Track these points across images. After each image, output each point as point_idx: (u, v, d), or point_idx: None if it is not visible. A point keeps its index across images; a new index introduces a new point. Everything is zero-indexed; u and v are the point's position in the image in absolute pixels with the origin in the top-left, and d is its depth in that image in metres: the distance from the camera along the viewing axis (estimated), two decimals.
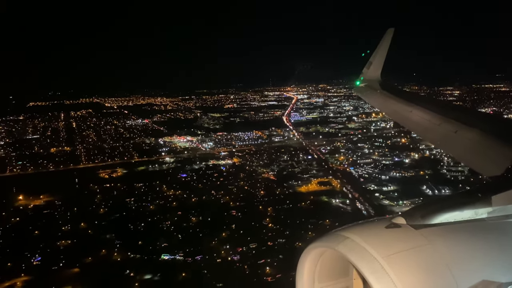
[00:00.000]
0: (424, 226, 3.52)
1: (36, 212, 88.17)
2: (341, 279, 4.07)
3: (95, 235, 76.72)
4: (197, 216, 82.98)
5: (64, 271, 64.11)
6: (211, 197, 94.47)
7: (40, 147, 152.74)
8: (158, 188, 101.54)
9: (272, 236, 72.68)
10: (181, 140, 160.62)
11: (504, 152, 6.42)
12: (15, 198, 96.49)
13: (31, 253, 69.76)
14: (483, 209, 3.92)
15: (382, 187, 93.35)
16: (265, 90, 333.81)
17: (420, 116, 10.08)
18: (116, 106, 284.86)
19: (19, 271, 64.28)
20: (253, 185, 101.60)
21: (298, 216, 79.52)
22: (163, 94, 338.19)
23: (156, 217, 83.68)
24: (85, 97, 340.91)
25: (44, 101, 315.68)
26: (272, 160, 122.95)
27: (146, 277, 61.71)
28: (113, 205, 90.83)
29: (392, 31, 14.60)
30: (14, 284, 61.23)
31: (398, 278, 3.07)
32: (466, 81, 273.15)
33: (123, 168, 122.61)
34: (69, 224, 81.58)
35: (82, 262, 66.63)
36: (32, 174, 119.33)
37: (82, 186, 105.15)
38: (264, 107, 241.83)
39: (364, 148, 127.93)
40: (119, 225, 79.99)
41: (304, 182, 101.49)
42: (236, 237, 73.11)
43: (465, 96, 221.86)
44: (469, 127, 8.03)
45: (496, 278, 3.31)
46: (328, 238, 3.56)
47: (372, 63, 15.08)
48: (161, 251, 69.49)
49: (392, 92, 13.20)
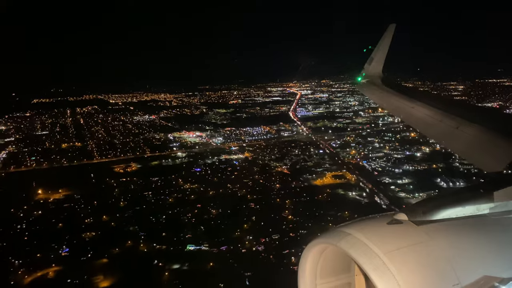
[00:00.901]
0: (426, 222, 3.57)
1: (57, 206, 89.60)
2: (343, 275, 4.14)
3: (118, 227, 78.21)
4: (217, 209, 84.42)
5: (94, 262, 65.57)
6: (228, 190, 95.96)
7: (51, 143, 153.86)
8: (174, 182, 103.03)
9: (294, 227, 74.23)
10: (190, 135, 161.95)
11: (506, 148, 6.53)
12: (34, 192, 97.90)
13: (58, 245, 71.22)
14: (484, 205, 3.95)
15: (397, 180, 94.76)
16: (268, 86, 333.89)
17: (422, 112, 10.14)
18: (120, 102, 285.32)
19: (49, 262, 65.75)
20: (268, 178, 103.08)
21: (317, 208, 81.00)
22: (166, 91, 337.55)
23: (176, 210, 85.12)
24: (88, 93, 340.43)
25: (48, 98, 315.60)
26: (284, 155, 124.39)
27: (175, 267, 63.28)
28: (132, 198, 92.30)
29: (393, 27, 14.63)
30: (47, 274, 62.82)
31: (400, 274, 3.11)
32: (468, 76, 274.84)
33: (137, 163, 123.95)
34: (91, 217, 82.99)
35: (110, 253, 68.25)
36: (48, 169, 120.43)
37: (99, 180, 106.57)
38: (269, 103, 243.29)
39: (374, 142, 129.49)
40: (140, 218, 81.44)
41: (318, 175, 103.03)
42: (258, 228, 74.65)
43: (470, 91, 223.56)
44: (471, 123, 8.13)
45: (497, 274, 3.34)
46: (329, 234, 3.62)
47: (373, 59, 15.12)
48: (185, 242, 71.01)
49: (394, 88, 13.26)
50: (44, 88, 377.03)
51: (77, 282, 59.86)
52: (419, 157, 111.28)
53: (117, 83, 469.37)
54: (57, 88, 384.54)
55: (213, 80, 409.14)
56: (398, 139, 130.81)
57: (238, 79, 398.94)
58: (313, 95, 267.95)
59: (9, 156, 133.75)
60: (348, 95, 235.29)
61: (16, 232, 77.28)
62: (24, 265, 64.97)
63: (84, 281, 60.02)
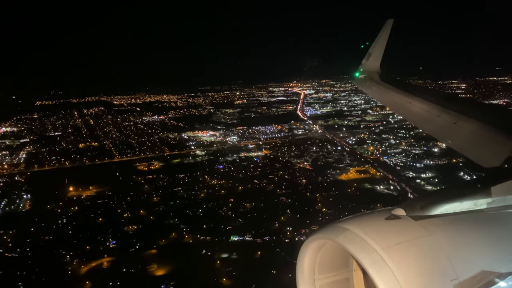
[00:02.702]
0: (424, 218, 3.60)
1: (91, 202, 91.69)
2: (341, 270, 4.17)
3: (158, 221, 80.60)
4: (250, 202, 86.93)
5: (143, 252, 68.08)
6: (256, 185, 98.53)
7: (67, 143, 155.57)
8: (201, 178, 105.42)
9: (330, 219, 76.02)
10: (204, 134, 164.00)
11: (503, 143, 6.53)
12: (65, 189, 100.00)
13: (103, 238, 73.55)
14: (482, 200, 3.98)
15: (420, 174, 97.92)
16: (268, 86, 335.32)
17: (420, 107, 10.15)
18: (125, 103, 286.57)
19: (100, 253, 68.21)
20: (292, 174, 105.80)
21: (348, 201, 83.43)
22: (167, 92, 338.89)
23: (209, 204, 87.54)
24: (89, 95, 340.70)
25: (50, 100, 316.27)
26: (302, 152, 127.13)
27: (224, 256, 65.84)
28: (163, 194, 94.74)
29: (391, 22, 14.60)
30: (101, 264, 65.22)
31: (398, 269, 3.14)
32: (467, 75, 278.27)
33: (158, 161, 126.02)
34: (129, 211, 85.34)
35: (157, 244, 70.71)
36: (71, 168, 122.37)
37: (125, 178, 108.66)
38: (275, 102, 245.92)
39: (390, 139, 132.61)
40: (177, 212, 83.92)
41: (342, 171, 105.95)
42: (296, 220, 77.26)
43: (473, 89, 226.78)
44: (469, 118, 8.15)
45: (495, 269, 3.37)
46: (328, 230, 3.65)
47: (371, 55, 15.08)
48: (227, 233, 73.52)
49: (392, 83, 13.22)
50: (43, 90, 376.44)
51: (133, 271, 62.33)
52: (437, 153, 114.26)
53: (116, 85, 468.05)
54: (56, 91, 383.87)
55: (212, 81, 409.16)
56: (413, 136, 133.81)
57: (237, 80, 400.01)
58: (317, 94, 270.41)
59: (30, 156, 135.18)
60: (353, 94, 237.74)
61: (58, 227, 79.49)
62: (76, 257, 67.34)
63: (139, 270, 62.51)
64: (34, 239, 74.07)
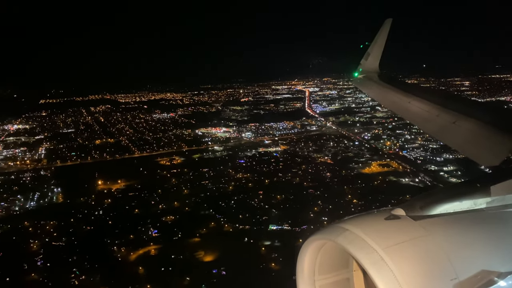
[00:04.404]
0: (423, 217, 3.63)
1: (123, 194, 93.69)
2: (341, 271, 4.18)
3: (193, 212, 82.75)
4: (280, 195, 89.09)
5: (187, 240, 70.30)
6: (282, 179, 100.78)
7: (83, 140, 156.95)
8: (225, 172, 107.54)
9: (364, 210, 78.91)
10: (218, 131, 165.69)
11: (502, 143, 6.58)
12: (93, 183, 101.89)
13: (144, 228, 75.68)
14: (482, 199, 4.00)
15: (442, 167, 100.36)
16: (270, 84, 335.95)
17: (419, 106, 10.15)
18: (131, 101, 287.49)
19: (145, 241, 70.53)
20: (316, 168, 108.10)
21: (377, 193, 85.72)
22: (169, 90, 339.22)
23: (240, 196, 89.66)
24: (92, 93, 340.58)
25: (54, 99, 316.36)
26: (320, 146, 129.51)
27: (266, 243, 68.18)
28: (192, 187, 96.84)
29: (390, 22, 14.57)
30: (149, 251, 67.45)
31: (398, 269, 3.17)
32: (468, 72, 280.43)
33: (179, 156, 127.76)
34: (163, 203, 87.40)
35: (198, 232, 72.96)
36: (94, 163, 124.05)
37: (150, 172, 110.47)
38: (281, 100, 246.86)
39: (405, 134, 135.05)
40: (210, 203, 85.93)
41: (364, 164, 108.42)
42: (328, 211, 79.34)
43: (478, 86, 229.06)
44: (468, 117, 8.17)
45: (495, 268, 3.38)
46: (328, 230, 3.71)
47: (370, 54, 15.02)
48: (264, 223, 75.84)
49: (391, 83, 13.25)
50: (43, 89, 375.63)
51: (181, 257, 64.54)
52: None
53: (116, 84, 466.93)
54: (57, 90, 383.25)
55: (212, 79, 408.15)
56: None
57: (237, 78, 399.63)
58: (322, 92, 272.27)
59: (49, 152, 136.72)
60: (358, 92, 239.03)
61: (97, 218, 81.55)
62: (123, 245, 69.47)
63: (188, 257, 64.74)
64: (76, 229, 76.06)
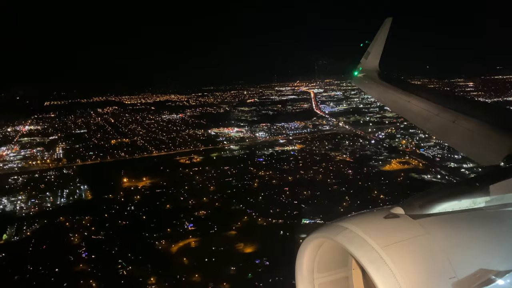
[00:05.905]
0: (422, 216, 3.63)
1: (150, 191, 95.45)
2: (340, 269, 4.21)
3: (224, 207, 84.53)
4: (306, 190, 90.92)
5: (224, 233, 72.15)
6: (304, 176, 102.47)
7: (98, 140, 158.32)
8: (247, 170, 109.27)
9: (393, 202, 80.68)
10: (230, 131, 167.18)
11: (502, 142, 6.58)
12: (119, 180, 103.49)
13: (179, 222, 77.43)
14: (481, 198, 4.00)
15: (462, 164, 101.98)
16: (273, 86, 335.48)
17: (419, 106, 10.17)
18: (137, 103, 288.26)
19: (183, 235, 72.43)
20: (335, 165, 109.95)
21: (403, 188, 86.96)
22: (173, 92, 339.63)
23: (266, 192, 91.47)
24: (96, 95, 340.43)
25: (58, 100, 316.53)
26: (336, 145, 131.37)
27: (303, 236, 69.60)
28: (217, 184, 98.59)
29: (390, 20, 14.51)
30: (189, 244, 69.28)
31: (397, 267, 3.18)
32: (470, 73, 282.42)
33: (197, 155, 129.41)
34: (192, 199, 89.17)
35: (233, 226, 74.70)
36: (114, 162, 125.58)
37: (172, 170, 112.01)
38: (288, 101, 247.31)
39: (419, 133, 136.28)
40: (238, 199, 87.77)
41: (384, 162, 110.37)
42: (358, 205, 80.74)
43: (483, 87, 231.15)
44: (468, 117, 8.17)
45: (493, 267, 3.40)
46: (327, 229, 3.69)
47: (370, 53, 14.98)
48: (295, 217, 77.59)
49: (391, 82, 13.21)
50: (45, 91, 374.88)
51: (222, 249, 66.28)
52: None
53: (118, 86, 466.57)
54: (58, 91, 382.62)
55: (214, 81, 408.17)
56: None
57: (238, 80, 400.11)
58: (326, 93, 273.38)
59: (67, 152, 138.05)
60: (364, 92, 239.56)
61: (129, 213, 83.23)
62: (162, 238, 71.23)
63: (228, 248, 66.53)
64: (111, 223, 77.89)
